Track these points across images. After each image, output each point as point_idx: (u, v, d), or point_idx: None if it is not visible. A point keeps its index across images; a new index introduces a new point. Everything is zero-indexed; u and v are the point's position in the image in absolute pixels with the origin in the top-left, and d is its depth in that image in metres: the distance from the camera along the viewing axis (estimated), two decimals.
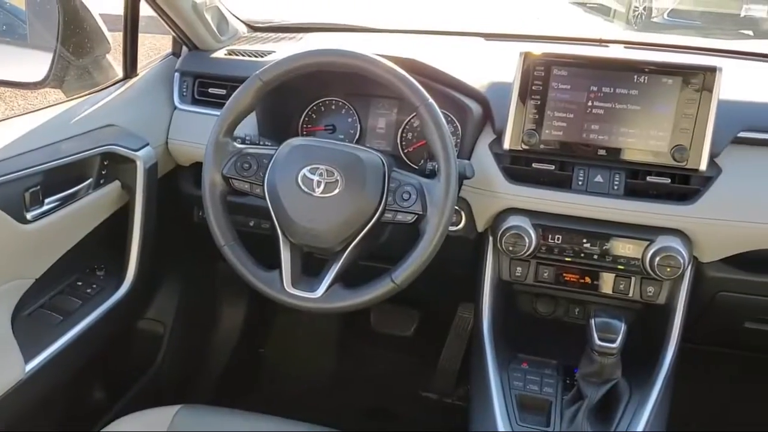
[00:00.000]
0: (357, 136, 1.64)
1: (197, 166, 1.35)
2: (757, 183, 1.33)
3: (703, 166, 1.31)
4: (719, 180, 1.33)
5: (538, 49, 1.37)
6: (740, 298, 1.44)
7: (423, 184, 1.26)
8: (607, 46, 1.76)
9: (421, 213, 1.24)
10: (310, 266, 1.32)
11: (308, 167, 1.26)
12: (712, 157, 1.33)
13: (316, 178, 1.25)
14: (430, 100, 1.24)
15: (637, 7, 9.02)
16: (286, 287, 1.28)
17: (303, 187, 1.25)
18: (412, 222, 1.25)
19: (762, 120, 1.35)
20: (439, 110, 1.24)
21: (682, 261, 1.31)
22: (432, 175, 1.27)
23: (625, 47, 1.74)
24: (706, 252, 1.38)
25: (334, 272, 1.27)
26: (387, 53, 1.32)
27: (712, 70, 1.28)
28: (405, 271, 1.23)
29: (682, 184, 1.35)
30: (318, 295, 1.26)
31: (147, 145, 1.57)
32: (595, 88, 1.35)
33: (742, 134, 1.34)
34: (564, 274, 1.46)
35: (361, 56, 1.26)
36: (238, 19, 1.89)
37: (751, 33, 7.98)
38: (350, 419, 2.11)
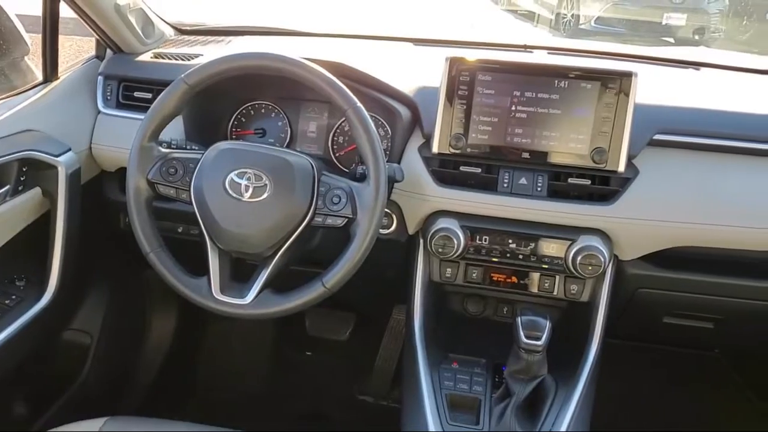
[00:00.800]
0: (287, 140, 1.63)
1: (123, 172, 1.32)
2: (672, 184, 1.39)
3: (621, 167, 1.36)
4: (637, 181, 1.38)
5: (463, 54, 1.40)
6: (659, 294, 1.50)
7: (353, 187, 1.27)
8: (531, 52, 1.81)
9: (351, 216, 1.25)
10: (240, 272, 1.31)
11: (236, 171, 1.25)
12: (630, 159, 1.38)
13: (244, 182, 1.24)
14: (359, 103, 1.25)
15: (565, 15, 9.30)
16: (214, 294, 1.26)
17: (231, 192, 1.24)
18: (343, 226, 1.26)
19: (677, 123, 1.41)
20: (367, 114, 1.25)
21: (602, 259, 1.36)
22: (362, 178, 1.28)
23: (548, 53, 1.79)
24: (625, 250, 1.43)
25: (263, 278, 1.26)
26: (315, 57, 1.33)
27: (629, 75, 1.34)
28: (336, 275, 1.23)
29: (602, 186, 1.40)
30: (247, 301, 1.25)
31: (69, 150, 1.52)
32: (518, 93, 1.38)
33: (658, 137, 1.40)
34: (492, 274, 1.50)
35: (288, 59, 1.26)
36: (164, 21, 1.86)
37: (672, 40, 8.35)
38: (285, 425, 2.10)
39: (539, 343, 1.27)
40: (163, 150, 1.31)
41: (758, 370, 2.10)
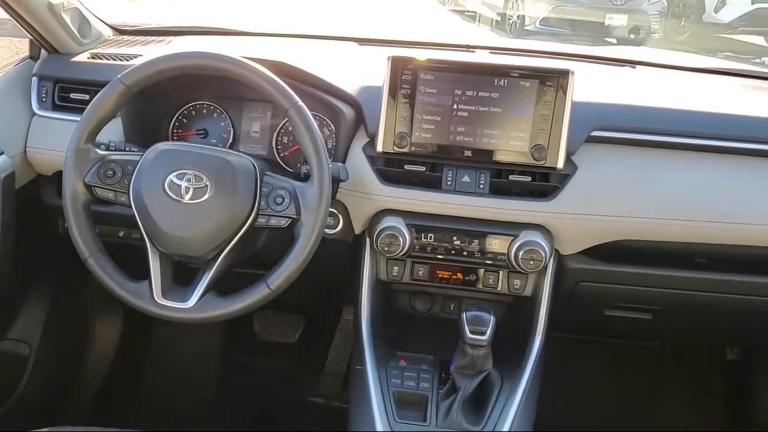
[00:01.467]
0: (230, 141, 1.61)
1: (60, 175, 1.29)
2: (609, 179, 1.43)
3: (560, 164, 1.39)
4: (575, 177, 1.41)
5: (405, 53, 1.41)
6: (599, 287, 1.53)
7: (296, 187, 1.26)
8: (473, 52, 1.83)
9: (295, 217, 1.24)
10: (183, 276, 1.29)
11: (175, 173, 1.23)
12: (569, 155, 1.41)
13: (184, 183, 1.22)
14: (300, 102, 1.25)
15: (511, 16, 9.45)
16: (155, 298, 1.24)
17: (170, 194, 1.22)
18: (287, 226, 1.25)
19: (613, 120, 1.45)
20: (309, 113, 1.25)
21: (543, 254, 1.38)
22: (306, 178, 1.28)
23: (490, 52, 1.82)
24: (566, 245, 1.46)
25: (206, 281, 1.25)
26: (256, 56, 1.32)
27: (566, 73, 1.37)
28: (280, 276, 1.23)
29: (542, 182, 1.42)
30: (190, 305, 1.23)
31: (2, 154, 1.47)
32: (459, 92, 1.40)
33: (595, 133, 1.43)
34: (438, 272, 1.51)
35: (228, 59, 1.25)
36: (102, 21, 1.81)
37: (614, 40, 8.57)
38: (235, 430, 2.07)
39: (484, 338, 1.29)
40: (101, 152, 1.28)
41: (697, 359, 2.17)
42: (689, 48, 7.90)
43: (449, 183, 1.43)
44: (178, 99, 1.61)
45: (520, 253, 1.39)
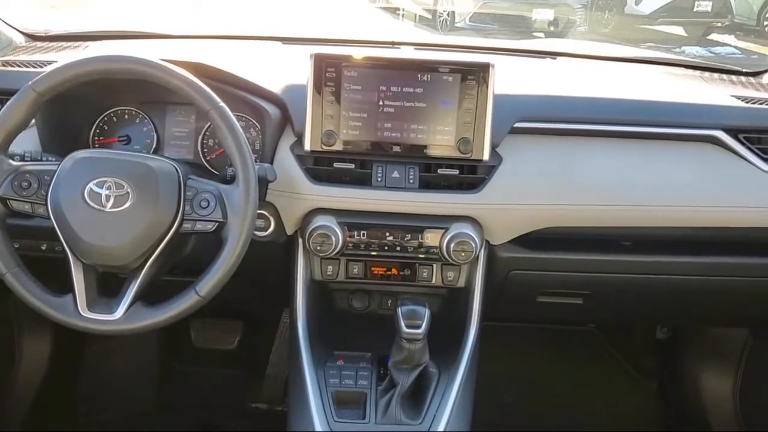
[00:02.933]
0: (154, 146, 1.57)
1: None
2: (533, 169, 1.46)
3: (486, 156, 1.41)
4: (501, 168, 1.44)
5: (327, 51, 1.40)
6: (530, 274, 1.57)
7: (222, 190, 1.24)
8: (398, 48, 1.84)
9: (221, 220, 1.22)
10: (110, 287, 1.25)
11: (95, 181, 1.19)
12: (494, 147, 1.44)
13: (104, 192, 1.19)
14: (221, 103, 1.22)
15: (442, 13, 9.55)
16: (80, 311, 1.20)
17: (91, 203, 1.18)
18: (214, 230, 1.23)
19: (534, 110, 1.48)
20: (231, 114, 1.23)
21: (474, 245, 1.40)
22: (232, 180, 1.25)
23: (415, 48, 1.83)
24: (495, 235, 1.49)
25: (133, 291, 1.21)
26: (175, 58, 1.29)
27: (486, 66, 1.38)
28: (209, 282, 1.20)
29: (470, 174, 1.44)
30: (117, 316, 1.20)
31: None
32: (384, 88, 1.40)
33: (518, 124, 1.46)
34: (373, 268, 1.51)
35: (144, 61, 1.22)
36: (13, 28, 1.74)
37: (542, 35, 8.77)
38: None
39: (419, 331, 1.30)
40: (14, 163, 1.23)
41: (629, 340, 2.24)
42: (613, 39, 8.15)
43: (379, 179, 1.44)
44: (98, 105, 1.56)
45: (452, 246, 1.41)
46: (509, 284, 1.58)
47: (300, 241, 1.48)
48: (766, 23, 8.97)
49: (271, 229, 1.48)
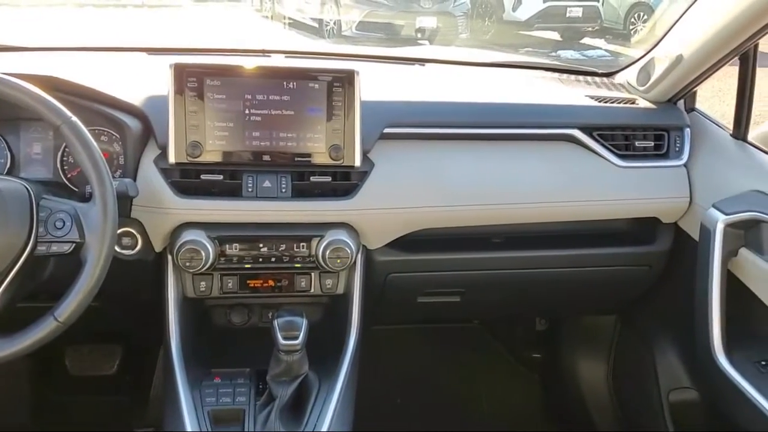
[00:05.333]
0: (8, 166, 1.47)
1: None
2: (404, 173, 1.48)
3: (357, 162, 1.42)
4: (373, 173, 1.45)
5: (187, 60, 1.37)
6: (408, 276, 1.59)
7: (78, 209, 1.18)
8: (269, 56, 1.81)
9: (79, 241, 1.16)
10: None
11: None
12: (365, 153, 1.45)
13: None
14: (73, 118, 1.17)
15: (329, 22, 9.57)
16: None
17: None
18: (71, 252, 1.17)
19: (403, 116, 1.51)
20: (83, 128, 1.17)
21: (350, 251, 1.40)
22: (90, 198, 1.19)
23: (286, 56, 1.81)
24: (371, 240, 1.50)
25: None
26: (25, 72, 1.22)
27: (351, 73, 1.39)
28: (69, 307, 1.14)
29: (343, 181, 1.44)
30: None
31: None
32: (249, 96, 1.38)
33: (387, 130, 1.47)
34: (248, 281, 1.48)
35: None
36: None
37: (426, 42, 8.97)
38: None
39: (296, 342, 1.28)
40: None
41: (511, 335, 2.32)
42: (494, 45, 8.46)
43: (250, 189, 1.41)
44: None
45: (327, 253, 1.40)
46: (389, 287, 1.59)
47: (169, 257, 1.43)
48: (631, 27, 9.59)
49: (139, 246, 1.42)
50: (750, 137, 1.54)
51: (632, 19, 9.69)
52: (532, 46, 9.55)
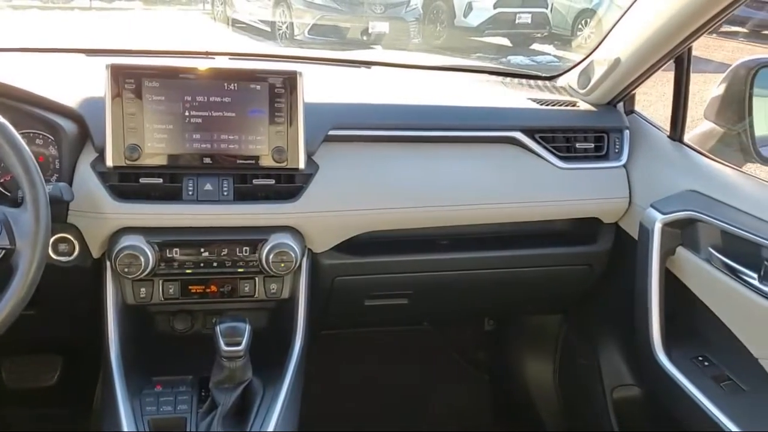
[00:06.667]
0: None
1: None
2: (349, 175, 1.47)
3: (301, 164, 1.41)
4: (317, 176, 1.44)
5: (124, 61, 1.33)
6: (355, 279, 1.58)
7: (8, 214, 1.14)
8: (213, 58, 1.79)
9: (9, 247, 1.13)
10: None
11: None
12: (310, 155, 1.43)
13: None
14: (1, 119, 1.12)
15: (281, 26, 9.52)
16: None
17: None
18: (2, 258, 1.13)
19: (347, 118, 1.50)
20: (13, 131, 1.14)
21: (294, 255, 1.39)
22: (22, 203, 1.15)
23: (230, 58, 1.79)
24: (317, 243, 1.48)
25: None
26: None
27: (294, 75, 1.38)
28: None
29: (287, 183, 1.43)
30: None
31: None
32: (189, 98, 1.35)
33: (332, 132, 1.47)
34: (190, 287, 1.45)
35: None
36: None
37: (379, 47, 9.01)
38: None
39: (239, 348, 1.26)
40: None
41: (461, 336, 2.33)
42: (445, 51, 8.54)
43: (190, 193, 1.38)
44: None
45: (271, 257, 1.38)
46: (336, 291, 1.58)
47: (108, 263, 1.39)
48: (579, 33, 9.80)
49: (76, 253, 1.39)
50: (686, 138, 1.58)
51: (579, 26, 9.89)
52: (483, 52, 9.67)
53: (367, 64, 1.91)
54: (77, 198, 1.32)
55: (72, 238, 1.37)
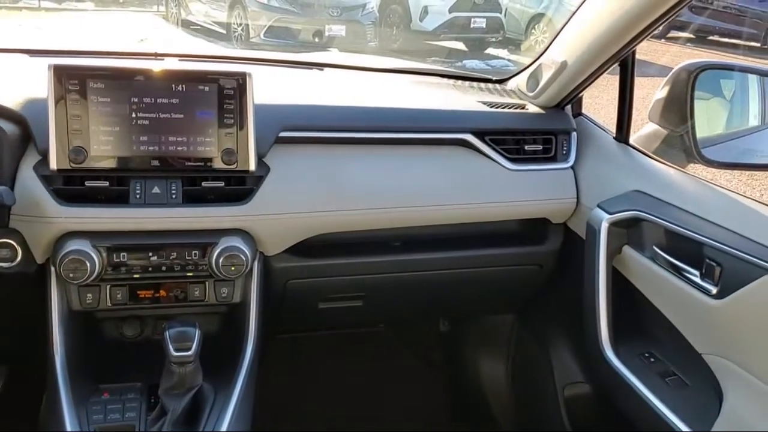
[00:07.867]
0: None
1: None
2: (301, 178, 1.46)
3: (252, 166, 1.39)
4: (268, 178, 1.43)
5: (67, 62, 1.30)
6: (308, 282, 1.57)
7: None
8: (162, 59, 1.76)
9: None
10: None
11: None
12: (261, 157, 1.42)
13: None
14: None
15: (237, 28, 9.44)
16: None
17: None
18: None
19: (299, 120, 1.49)
20: None
21: (244, 258, 1.37)
22: None
23: (179, 59, 1.76)
24: (268, 246, 1.47)
25: None
26: None
27: (243, 76, 1.37)
28: None
29: (237, 186, 1.41)
30: None
31: None
32: (136, 99, 1.33)
33: (283, 134, 1.46)
34: (138, 292, 1.42)
35: None
36: None
37: (336, 49, 9.00)
38: None
39: (189, 353, 1.24)
40: None
41: (416, 336, 2.34)
42: (403, 54, 8.58)
43: (138, 196, 1.36)
44: None
45: (221, 260, 1.37)
46: (288, 294, 1.57)
47: (52, 269, 1.36)
48: (532, 38, 9.96)
49: (19, 258, 1.35)
50: (631, 140, 1.62)
51: (532, 30, 10.07)
52: (439, 56, 9.76)
53: (320, 66, 1.90)
54: (19, 202, 1.28)
55: (15, 244, 1.34)
